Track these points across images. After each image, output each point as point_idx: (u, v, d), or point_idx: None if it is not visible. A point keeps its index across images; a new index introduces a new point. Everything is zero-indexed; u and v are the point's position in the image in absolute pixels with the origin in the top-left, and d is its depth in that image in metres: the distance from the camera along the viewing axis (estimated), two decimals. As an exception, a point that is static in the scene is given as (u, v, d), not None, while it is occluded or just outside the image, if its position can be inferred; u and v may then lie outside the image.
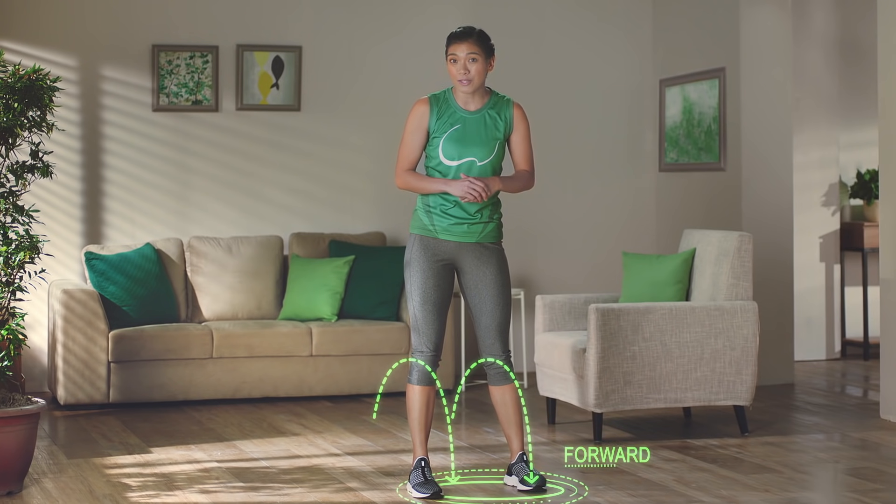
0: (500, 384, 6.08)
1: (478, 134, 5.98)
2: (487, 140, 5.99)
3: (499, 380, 6.08)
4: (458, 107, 5.99)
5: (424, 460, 5.98)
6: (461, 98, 6.00)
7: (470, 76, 5.93)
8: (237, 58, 9.22)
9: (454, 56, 5.95)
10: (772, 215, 9.08)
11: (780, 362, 9.14)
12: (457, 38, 5.99)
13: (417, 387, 6.02)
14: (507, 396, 6.08)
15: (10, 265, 6.02)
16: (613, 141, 9.98)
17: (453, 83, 6.01)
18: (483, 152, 5.97)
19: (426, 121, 5.98)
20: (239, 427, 7.63)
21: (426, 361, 5.98)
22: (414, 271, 6.02)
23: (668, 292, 7.44)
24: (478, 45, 5.95)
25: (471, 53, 5.93)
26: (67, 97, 8.83)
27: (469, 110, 5.99)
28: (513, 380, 6.07)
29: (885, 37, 7.73)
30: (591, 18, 9.91)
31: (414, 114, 5.99)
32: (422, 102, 6.01)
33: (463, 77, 5.93)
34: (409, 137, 5.98)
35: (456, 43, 5.97)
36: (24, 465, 5.99)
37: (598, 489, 6.02)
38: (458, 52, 5.95)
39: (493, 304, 6.02)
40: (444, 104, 6.00)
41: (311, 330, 8.54)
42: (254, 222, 9.29)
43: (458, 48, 5.95)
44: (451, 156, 5.94)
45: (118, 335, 8.21)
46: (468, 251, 6.01)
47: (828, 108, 10.22)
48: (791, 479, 6.19)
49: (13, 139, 6.06)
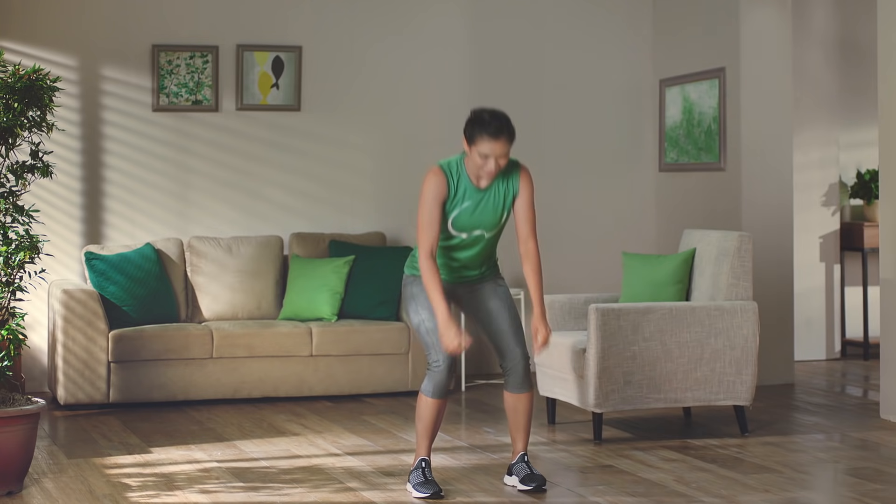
0: (518, 391, 6.02)
1: (488, 209, 5.90)
2: (496, 213, 5.92)
3: (517, 387, 6.02)
4: (471, 184, 5.87)
5: (426, 461, 5.97)
6: (473, 174, 5.87)
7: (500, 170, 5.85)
8: (237, 58, 9.22)
9: (485, 154, 5.77)
10: (772, 215, 9.08)
11: (780, 362, 9.14)
12: (491, 134, 5.76)
13: (431, 399, 5.92)
14: (522, 404, 6.05)
15: (10, 265, 6.02)
16: (613, 141, 9.98)
17: (472, 167, 5.84)
18: (491, 224, 5.92)
19: (445, 192, 5.84)
20: (239, 427, 7.63)
21: (443, 373, 5.88)
22: (419, 294, 5.94)
23: (668, 292, 7.44)
24: (509, 143, 5.79)
25: (503, 154, 5.79)
26: (67, 97, 8.83)
27: (481, 187, 5.88)
28: (531, 387, 6.04)
29: (885, 37, 7.73)
30: (592, 18, 9.91)
31: (432, 185, 5.82)
32: (438, 174, 5.83)
33: (492, 173, 5.81)
34: (431, 210, 5.80)
35: (489, 140, 5.77)
36: (24, 465, 5.99)
37: (598, 489, 6.02)
38: (491, 152, 5.78)
39: (501, 309, 6.00)
40: (457, 179, 5.87)
41: (311, 330, 8.54)
42: (254, 222, 9.30)
43: (490, 146, 5.77)
44: (461, 229, 5.89)
45: (118, 335, 8.21)
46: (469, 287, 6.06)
47: (828, 108, 10.22)
48: (791, 479, 6.19)
49: (13, 139, 6.06)
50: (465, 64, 9.67)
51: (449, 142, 9.54)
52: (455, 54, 9.65)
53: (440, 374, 5.86)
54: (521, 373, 5.97)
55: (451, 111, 9.61)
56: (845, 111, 10.36)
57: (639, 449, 6.91)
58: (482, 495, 5.93)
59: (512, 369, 5.98)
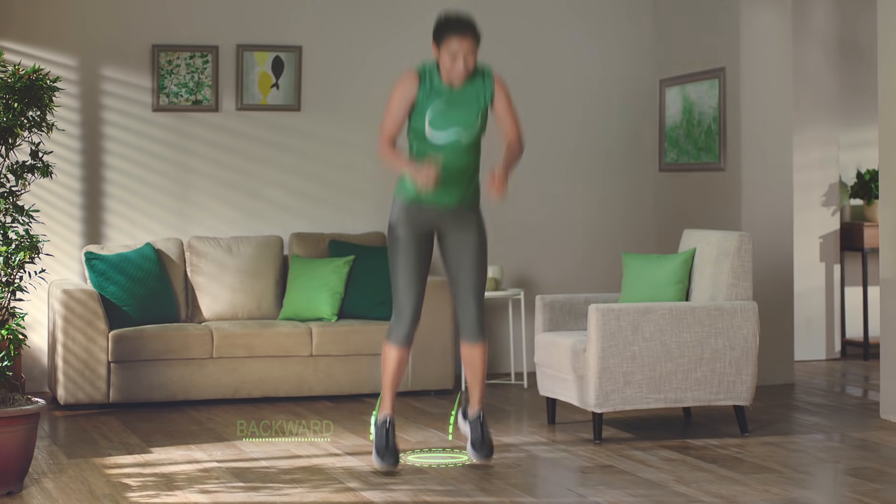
0: (472, 342, 6.42)
1: (462, 106, 6.17)
2: (471, 110, 6.18)
3: (471, 337, 6.40)
4: (442, 84, 6.16)
5: (391, 420, 6.35)
6: (445, 77, 6.15)
7: (469, 69, 6.12)
8: (237, 58, 9.22)
9: (452, 51, 6.07)
10: (772, 215, 9.08)
11: (780, 362, 9.14)
12: (454, 32, 6.08)
13: (395, 346, 6.31)
14: (476, 354, 6.44)
15: (10, 265, 6.02)
16: (613, 141, 9.98)
17: (441, 67, 6.14)
18: (467, 122, 6.18)
19: (414, 93, 6.16)
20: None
21: (407, 324, 6.26)
22: (398, 239, 6.27)
23: (668, 292, 7.44)
24: (475, 40, 6.11)
25: (470, 50, 6.09)
26: (67, 97, 8.83)
27: (454, 87, 6.18)
28: (485, 340, 6.41)
29: (885, 36, 7.74)
30: (592, 18, 9.91)
31: (403, 85, 6.17)
32: (411, 75, 6.17)
33: (461, 72, 6.10)
34: (396, 107, 6.19)
35: (453, 37, 6.08)
36: (24, 465, 5.99)
37: (598, 489, 6.02)
38: (458, 48, 6.07)
39: (472, 266, 6.33)
40: (430, 80, 6.15)
41: (311, 330, 8.54)
42: (254, 222, 9.30)
43: (456, 44, 6.08)
44: (437, 127, 6.17)
45: (118, 335, 8.21)
46: (450, 217, 6.32)
47: (828, 108, 10.22)
48: (791, 479, 6.19)
49: (13, 139, 6.06)
50: (465, 64, 9.66)
51: (449, 142, 9.55)
52: (455, 54, 9.64)
53: (403, 326, 6.27)
54: (475, 324, 6.38)
55: (451, 111, 9.60)
56: (845, 111, 10.36)
57: (639, 449, 6.91)
58: (482, 495, 5.93)
59: (466, 321, 6.38)
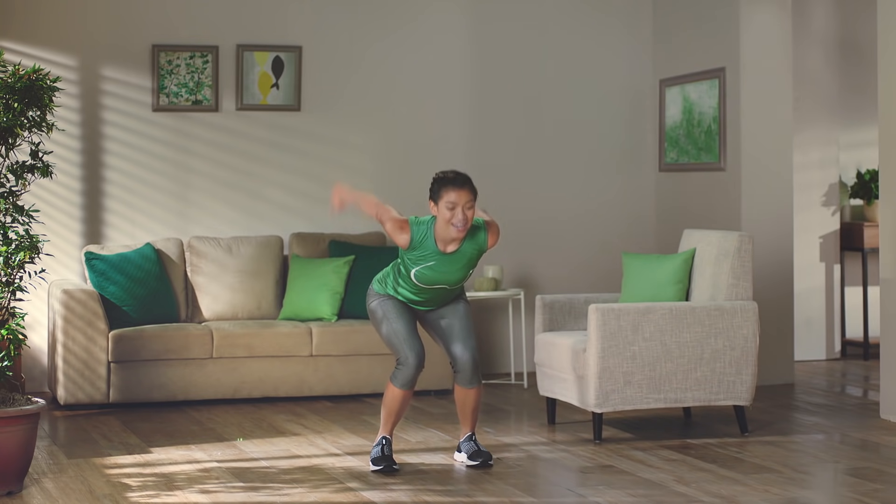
0: (468, 387, 6.50)
1: (452, 269, 6.32)
2: (461, 272, 6.34)
3: (466, 382, 6.48)
4: (436, 248, 6.27)
5: (387, 439, 6.44)
6: (442, 238, 6.26)
7: (467, 224, 6.22)
8: (237, 58, 9.22)
9: (451, 202, 6.19)
10: (772, 215, 9.08)
11: (780, 362, 9.14)
12: (452, 185, 6.22)
13: (399, 390, 6.41)
14: (470, 397, 6.53)
15: (10, 265, 6.02)
16: (613, 141, 9.98)
17: (439, 223, 6.24)
18: (455, 281, 6.37)
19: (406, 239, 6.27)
20: (239, 427, 7.63)
21: (412, 369, 6.35)
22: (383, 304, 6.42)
23: (668, 292, 7.43)
24: (472, 194, 6.24)
25: (468, 202, 6.21)
26: (67, 97, 8.83)
27: (447, 252, 6.30)
28: (479, 383, 6.50)
29: (885, 37, 7.73)
30: (592, 18, 9.91)
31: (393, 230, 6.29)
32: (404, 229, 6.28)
33: (461, 225, 6.19)
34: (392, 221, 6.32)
35: (451, 190, 6.21)
36: (24, 465, 5.99)
37: (598, 489, 6.02)
38: (457, 200, 6.19)
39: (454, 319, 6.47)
40: (424, 239, 6.27)
41: (311, 330, 8.54)
42: (254, 222, 9.29)
43: (455, 196, 6.20)
44: (424, 282, 6.32)
45: (118, 335, 8.21)
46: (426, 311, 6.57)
47: (828, 108, 10.22)
48: (791, 479, 6.19)
49: (13, 139, 6.06)
50: (465, 64, 9.67)
51: (449, 141, 9.55)
52: (455, 55, 9.65)
53: (409, 369, 6.35)
54: (470, 371, 6.45)
55: (451, 111, 9.61)
56: (845, 111, 10.36)
57: (639, 449, 6.91)
58: (482, 495, 5.93)
59: (462, 369, 6.45)
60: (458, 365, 6.45)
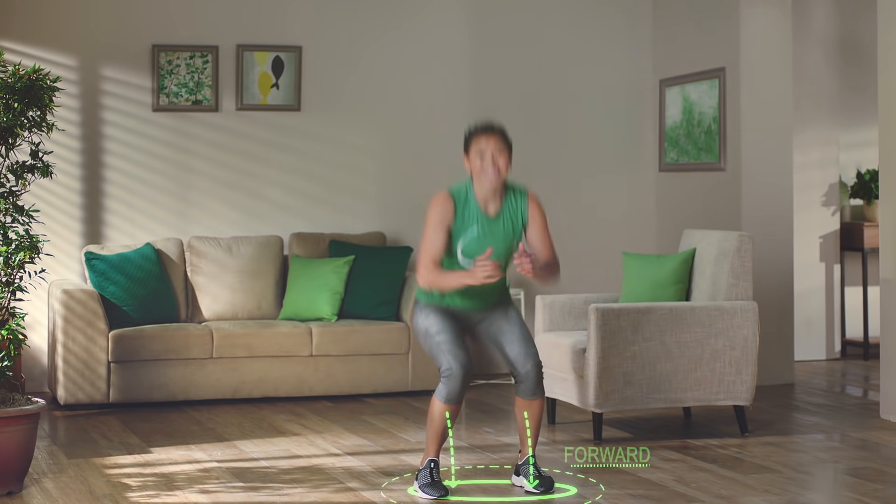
0: (531, 398, 6.05)
1: (498, 236, 5.94)
2: (506, 240, 5.97)
3: (530, 393, 6.03)
4: (479, 209, 5.94)
5: (434, 461, 5.98)
6: (482, 195, 5.93)
7: (498, 167, 5.89)
8: (237, 58, 9.22)
9: (480, 150, 5.90)
10: (772, 215, 9.08)
11: (780, 362, 9.14)
12: (481, 132, 5.94)
13: (443, 405, 5.94)
14: (533, 410, 6.06)
15: (10, 265, 6.02)
16: (613, 141, 9.98)
17: (475, 176, 5.93)
18: (500, 253, 5.96)
19: (451, 216, 5.91)
20: (239, 427, 7.63)
21: (458, 382, 5.88)
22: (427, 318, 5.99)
23: (668, 292, 7.44)
24: (503, 141, 5.93)
25: (498, 147, 5.90)
26: (67, 97, 8.83)
27: (489, 213, 5.95)
28: (543, 394, 6.06)
29: (885, 37, 7.73)
30: (592, 18, 9.91)
31: (438, 208, 5.91)
32: (445, 198, 5.93)
33: (491, 170, 5.88)
34: (434, 233, 5.89)
35: (481, 136, 5.93)
36: (24, 465, 5.99)
37: (597, 489, 6.02)
38: (486, 146, 5.90)
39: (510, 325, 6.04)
40: (465, 203, 5.94)
41: (311, 330, 8.54)
42: (254, 222, 9.29)
43: (484, 142, 5.90)
44: (470, 256, 5.91)
45: (118, 335, 8.21)
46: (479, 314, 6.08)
47: (828, 108, 10.22)
48: (791, 479, 6.19)
49: (13, 139, 6.06)
50: (465, 64, 9.67)
51: (449, 141, 9.54)
52: (455, 54, 9.65)
53: (454, 380, 5.87)
54: (534, 379, 5.99)
55: (451, 111, 9.61)
56: (845, 111, 10.36)
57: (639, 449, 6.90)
58: (482, 495, 5.93)
59: (525, 376, 5.99)
60: (521, 374, 5.98)
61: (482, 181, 5.91)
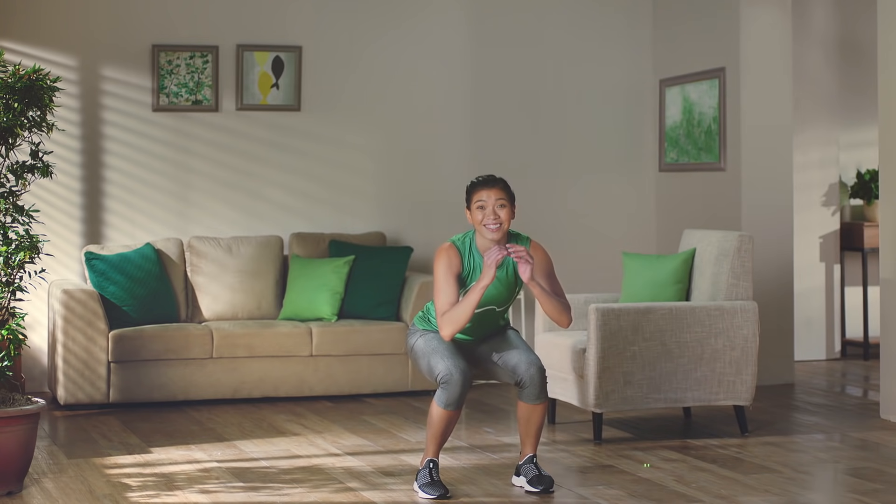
0: (534, 402, 6.04)
1: (500, 287, 5.99)
2: (507, 290, 6.02)
3: (533, 398, 6.03)
4: (482, 260, 5.97)
5: (434, 461, 5.98)
6: (484, 246, 5.97)
7: (500, 221, 5.92)
8: (237, 58, 9.22)
9: (482, 203, 5.93)
10: (772, 215, 9.08)
11: (780, 362, 9.14)
12: (483, 185, 5.97)
13: (442, 410, 5.94)
14: (536, 414, 6.07)
15: (10, 265, 6.02)
16: (613, 141, 9.98)
17: (477, 229, 5.97)
18: (502, 300, 6.03)
19: (458, 265, 5.97)
20: (239, 427, 7.63)
21: (457, 386, 5.89)
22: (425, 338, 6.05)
23: (668, 292, 7.43)
24: (504, 192, 5.96)
25: (499, 200, 5.93)
26: (67, 97, 8.83)
27: None
28: (546, 398, 6.06)
29: (885, 37, 7.73)
30: (591, 18, 9.91)
31: (444, 260, 5.95)
32: (450, 249, 5.98)
33: (492, 222, 5.91)
34: (446, 285, 5.92)
35: (483, 189, 5.96)
36: (24, 465, 5.99)
37: (598, 489, 6.02)
38: (486, 199, 5.93)
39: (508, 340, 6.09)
40: (469, 254, 6.00)
41: (311, 330, 8.54)
42: (254, 222, 9.29)
43: (485, 194, 5.94)
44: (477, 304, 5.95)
45: (118, 335, 8.21)
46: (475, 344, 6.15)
47: (828, 108, 10.22)
48: (791, 479, 6.19)
49: (13, 139, 6.06)
50: (465, 64, 9.67)
51: (449, 141, 9.54)
52: (455, 54, 9.65)
53: (454, 385, 5.87)
54: (538, 383, 6.00)
55: (452, 111, 9.61)
56: (845, 111, 10.36)
57: (639, 449, 6.91)
58: (483, 496, 5.93)
59: (529, 380, 5.99)
60: (524, 379, 5.97)
61: (484, 234, 5.96)
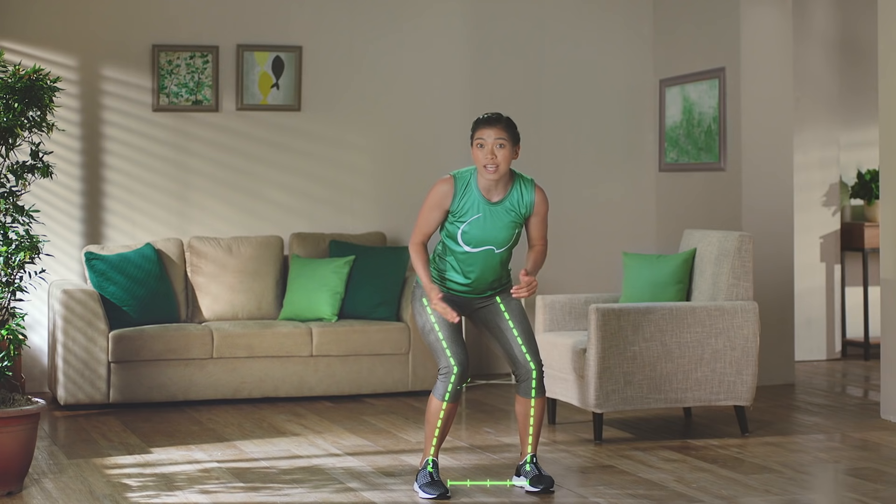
0: (531, 397, 6.05)
1: (498, 225, 5.95)
2: (507, 230, 5.97)
3: (532, 392, 6.04)
4: (481, 196, 5.94)
5: (433, 461, 5.98)
6: (484, 185, 5.94)
7: (497, 161, 5.88)
8: (237, 58, 9.22)
9: (481, 141, 5.90)
10: (772, 215, 9.08)
11: (781, 362, 9.14)
12: (484, 123, 5.94)
13: (440, 402, 5.94)
14: (535, 410, 6.06)
15: (10, 265, 6.01)
16: (613, 141, 9.98)
17: (478, 168, 5.94)
18: (501, 241, 5.97)
19: (448, 202, 5.94)
20: (239, 427, 7.63)
21: (455, 380, 5.91)
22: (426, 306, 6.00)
23: (668, 292, 7.43)
24: (506, 132, 5.92)
25: (498, 139, 5.89)
26: (67, 97, 8.83)
27: (491, 201, 5.94)
28: (544, 393, 6.07)
29: (885, 37, 7.73)
30: (592, 18, 9.91)
31: (436, 192, 5.95)
32: (445, 182, 5.96)
33: (489, 162, 5.87)
34: (428, 213, 5.96)
35: (483, 128, 5.93)
36: (24, 465, 5.99)
37: (598, 489, 6.02)
38: (486, 137, 5.89)
39: (512, 321, 6.07)
40: (467, 189, 5.95)
41: (311, 330, 8.54)
42: (254, 222, 9.29)
43: (485, 133, 5.90)
44: (469, 243, 5.94)
45: (118, 335, 8.20)
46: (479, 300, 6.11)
47: (828, 108, 10.22)
48: (791, 480, 6.19)
49: (13, 139, 6.06)
50: (465, 64, 9.67)
51: (449, 141, 9.54)
52: (455, 54, 9.65)
53: (452, 378, 5.89)
54: (537, 379, 6.02)
55: (452, 111, 9.61)
56: (845, 111, 10.36)
57: (639, 449, 6.90)
58: (483, 496, 5.93)
59: (527, 375, 6.02)
60: (524, 373, 6.01)
61: (482, 172, 5.92)
